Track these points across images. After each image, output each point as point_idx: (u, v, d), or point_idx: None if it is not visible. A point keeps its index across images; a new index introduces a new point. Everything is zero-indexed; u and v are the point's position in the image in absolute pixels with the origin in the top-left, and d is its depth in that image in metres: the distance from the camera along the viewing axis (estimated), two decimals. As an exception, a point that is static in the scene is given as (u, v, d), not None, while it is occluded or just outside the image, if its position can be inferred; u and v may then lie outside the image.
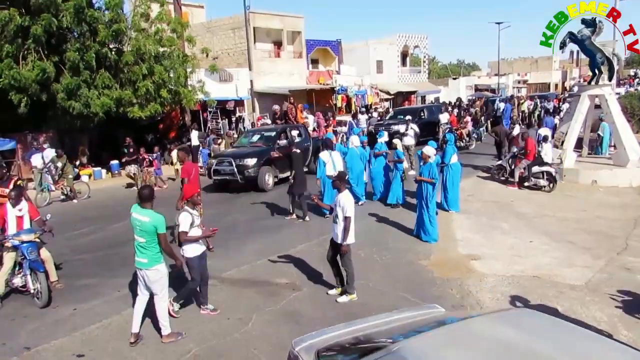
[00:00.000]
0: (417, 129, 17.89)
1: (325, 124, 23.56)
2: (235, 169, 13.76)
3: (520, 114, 27.50)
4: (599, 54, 13.56)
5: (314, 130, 22.08)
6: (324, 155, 11.17)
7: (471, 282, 7.30)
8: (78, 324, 6.27)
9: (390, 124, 22.17)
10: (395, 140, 12.52)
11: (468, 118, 23.27)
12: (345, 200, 6.44)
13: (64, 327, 6.25)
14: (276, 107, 22.64)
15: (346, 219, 6.39)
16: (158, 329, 5.86)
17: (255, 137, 15.88)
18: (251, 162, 13.89)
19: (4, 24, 15.31)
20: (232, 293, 7.21)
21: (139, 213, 5.54)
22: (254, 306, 6.64)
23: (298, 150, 11.36)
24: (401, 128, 18.12)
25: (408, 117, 18.87)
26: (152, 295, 5.71)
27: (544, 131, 13.81)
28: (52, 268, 7.46)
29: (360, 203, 11.55)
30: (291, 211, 11.18)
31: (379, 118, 26.94)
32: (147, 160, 15.44)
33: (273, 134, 15.60)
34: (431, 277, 7.60)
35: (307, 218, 10.83)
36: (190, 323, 6.25)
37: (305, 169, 14.56)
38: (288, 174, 13.87)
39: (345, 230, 6.43)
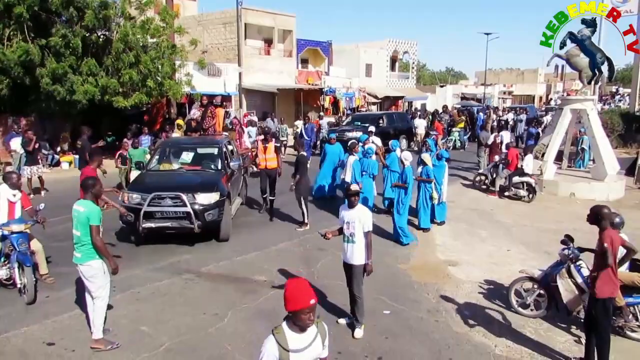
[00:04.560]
0: (379, 143, 15.75)
1: (263, 137, 12.34)
2: (192, 211, 8.53)
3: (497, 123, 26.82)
4: (599, 54, 13.66)
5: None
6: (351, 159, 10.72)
7: (448, 287, 7.39)
8: (50, 312, 6.17)
9: (345, 130, 20.25)
10: (424, 155, 10.48)
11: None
12: (364, 214, 5.73)
13: (35, 314, 6.15)
14: (196, 112, 16.34)
15: (368, 234, 5.71)
16: (132, 325, 5.78)
17: (187, 156, 10.52)
18: (212, 197, 8.82)
19: None
20: (209, 288, 7.17)
21: (77, 204, 5.36)
22: (231, 302, 6.62)
23: (305, 153, 10.82)
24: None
25: (371, 129, 16.42)
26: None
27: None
28: (42, 260, 7.06)
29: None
30: (305, 220, 10.23)
31: (335, 123, 24.95)
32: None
33: (215, 151, 10.48)
34: (409, 281, 7.66)
35: (308, 226, 10.19)
36: (165, 316, 6.20)
37: (242, 202, 11.75)
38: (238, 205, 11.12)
39: (369, 246, 5.73)
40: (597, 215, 5.01)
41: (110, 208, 8.04)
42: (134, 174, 11.51)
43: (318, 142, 21.34)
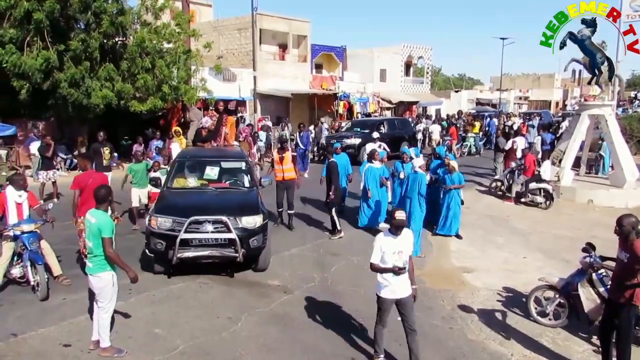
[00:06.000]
0: (387, 148, 14.62)
1: (280, 146, 11.38)
2: (237, 239, 7.28)
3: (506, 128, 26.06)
4: (599, 54, 13.54)
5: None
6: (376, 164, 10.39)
7: (463, 294, 7.31)
8: (66, 314, 6.23)
9: (344, 136, 19.94)
10: (453, 163, 10.40)
11: None
12: (411, 238, 5.29)
13: (52, 315, 6.21)
14: (208, 120, 13.44)
15: (411, 257, 5.30)
16: (146, 327, 5.80)
17: (213, 172, 8.87)
18: (257, 220, 7.66)
19: (9, 6, 15.24)
20: (223, 292, 7.19)
21: (89, 214, 5.34)
22: (244, 306, 6.63)
23: (335, 160, 10.35)
24: (369, 146, 14.12)
25: (376, 135, 15.51)
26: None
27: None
28: (54, 261, 7.18)
29: None
30: (339, 228, 9.99)
31: (333, 130, 24.76)
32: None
33: (242, 165, 9.21)
34: (423, 287, 7.56)
35: (342, 234, 10.00)
36: (179, 319, 6.22)
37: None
38: None
39: (412, 270, 5.34)
40: (632, 227, 4.80)
41: (121, 222, 8.06)
42: (136, 193, 10.34)
43: (316, 149, 21.40)
